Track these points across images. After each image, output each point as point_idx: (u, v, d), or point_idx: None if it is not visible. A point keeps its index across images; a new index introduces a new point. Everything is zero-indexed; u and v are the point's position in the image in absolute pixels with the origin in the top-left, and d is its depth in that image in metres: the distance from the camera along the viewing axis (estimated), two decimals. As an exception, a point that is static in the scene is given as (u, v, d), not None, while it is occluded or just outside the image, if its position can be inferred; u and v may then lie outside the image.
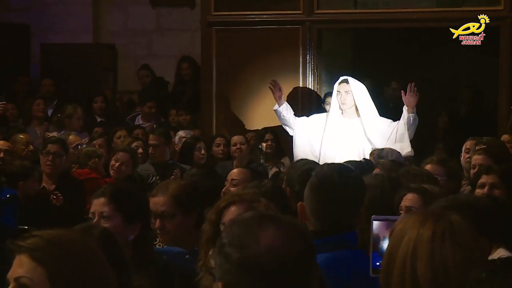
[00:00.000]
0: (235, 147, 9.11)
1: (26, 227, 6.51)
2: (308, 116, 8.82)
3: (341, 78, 8.47)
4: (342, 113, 8.40)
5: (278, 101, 8.74)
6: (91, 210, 3.93)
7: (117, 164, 7.79)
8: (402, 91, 8.34)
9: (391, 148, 7.56)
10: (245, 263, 2.15)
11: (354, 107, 8.37)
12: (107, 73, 12.62)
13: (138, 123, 10.88)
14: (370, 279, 3.29)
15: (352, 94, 8.29)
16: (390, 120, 8.44)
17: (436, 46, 11.93)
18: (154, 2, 12.33)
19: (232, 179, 5.79)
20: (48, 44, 12.22)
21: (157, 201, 4.22)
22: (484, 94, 11.44)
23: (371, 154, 7.44)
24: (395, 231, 2.39)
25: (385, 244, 2.96)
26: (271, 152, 9.33)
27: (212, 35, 10.36)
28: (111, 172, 7.85)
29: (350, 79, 8.39)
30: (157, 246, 4.33)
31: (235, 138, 9.16)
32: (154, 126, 10.74)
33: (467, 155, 7.29)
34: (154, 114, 11.16)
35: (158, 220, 4.18)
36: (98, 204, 3.88)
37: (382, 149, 7.46)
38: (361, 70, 12.13)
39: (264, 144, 9.49)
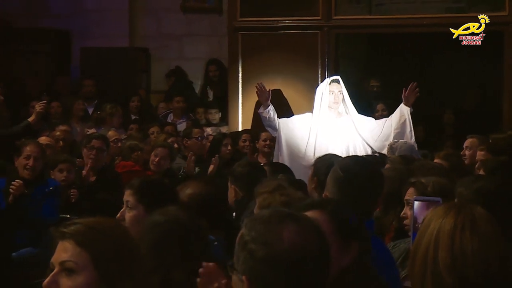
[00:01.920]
0: (265, 143, 9.08)
1: (68, 215, 6.52)
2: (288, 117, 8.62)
3: (332, 78, 8.27)
4: (328, 113, 8.14)
5: (265, 103, 8.41)
6: (124, 199, 3.99)
7: (157, 158, 7.81)
8: (404, 88, 8.18)
9: (405, 141, 7.49)
10: (270, 259, 2.15)
11: (342, 106, 8.18)
12: (141, 75, 12.66)
13: (170, 120, 10.91)
14: (386, 262, 3.29)
15: (342, 94, 8.13)
16: (372, 118, 8.32)
17: (444, 49, 11.88)
18: (185, 9, 12.35)
19: None
20: (87, 48, 12.26)
21: None
22: (489, 94, 11.41)
23: (388, 145, 7.39)
24: (425, 220, 2.38)
25: None
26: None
27: (238, 39, 10.35)
28: (151, 166, 7.87)
29: (339, 79, 8.23)
30: None
31: (264, 135, 9.12)
32: (186, 123, 10.77)
33: (466, 151, 7.36)
34: (184, 110, 11.16)
35: None
36: (126, 195, 3.98)
37: (396, 141, 7.39)
38: (375, 72, 12.12)
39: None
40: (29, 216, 6.52)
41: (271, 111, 8.31)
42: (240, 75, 10.26)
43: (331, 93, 8.09)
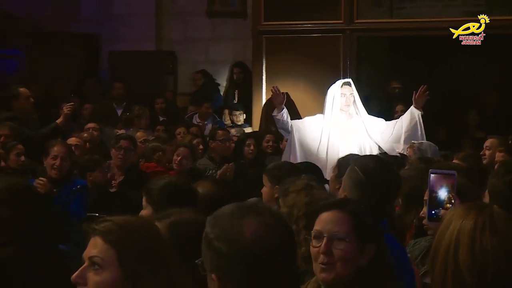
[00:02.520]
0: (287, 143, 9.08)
1: (97, 214, 6.54)
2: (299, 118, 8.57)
3: (343, 81, 8.19)
4: (339, 115, 8.05)
5: (279, 107, 8.25)
6: None
7: (179, 158, 7.82)
8: (414, 91, 8.08)
9: (429, 142, 7.41)
10: (234, 255, 2.14)
11: (353, 108, 8.10)
12: (168, 77, 12.71)
13: (195, 122, 10.92)
14: (399, 259, 3.29)
15: (354, 96, 8.06)
16: (382, 119, 8.22)
17: (463, 51, 11.82)
18: (210, 14, 12.39)
19: None
20: (115, 52, 12.33)
21: None
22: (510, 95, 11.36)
23: (410, 146, 7.30)
24: (444, 220, 2.37)
25: (440, 193, 3.02)
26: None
27: (262, 42, 10.38)
28: (174, 165, 7.88)
29: (351, 81, 8.16)
30: None
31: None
32: (212, 124, 10.79)
33: (486, 151, 7.33)
34: (210, 113, 11.19)
35: None
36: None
37: (421, 142, 7.29)
38: (397, 74, 12.08)
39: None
40: (56, 214, 6.54)
41: (284, 114, 8.22)
42: (264, 77, 10.29)
43: (343, 95, 8.01)
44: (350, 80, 8.23)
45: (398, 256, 3.26)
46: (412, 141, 7.52)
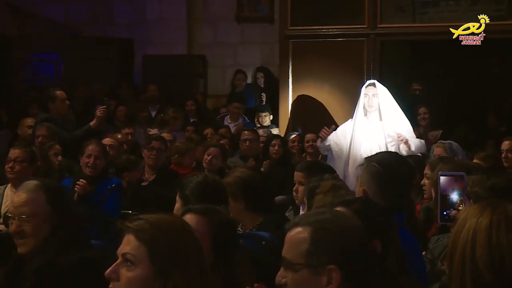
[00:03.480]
0: (308, 144, 9.10)
1: (130, 211, 6.57)
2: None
3: (368, 81, 8.13)
4: (366, 116, 7.94)
5: (324, 139, 8.13)
6: None
7: (209, 157, 7.82)
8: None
9: (455, 143, 7.26)
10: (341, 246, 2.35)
11: (378, 111, 7.95)
12: (199, 80, 12.75)
13: (227, 123, 10.92)
14: (414, 253, 3.29)
15: (378, 97, 7.92)
16: (411, 127, 8.03)
17: (485, 54, 11.76)
18: (239, 19, 12.42)
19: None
20: (148, 55, 12.39)
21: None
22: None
23: (438, 146, 7.16)
24: (459, 219, 2.36)
25: (452, 196, 3.02)
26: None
27: (289, 46, 10.39)
28: (204, 165, 7.88)
29: (376, 82, 8.05)
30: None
31: (308, 136, 9.12)
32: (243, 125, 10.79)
33: (509, 154, 7.28)
34: (240, 114, 11.13)
35: None
36: None
37: (450, 142, 7.17)
38: (418, 77, 12.03)
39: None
40: (91, 211, 6.57)
41: (327, 142, 8.12)
42: (290, 80, 10.30)
43: (366, 96, 7.95)
44: (374, 81, 8.16)
45: (409, 251, 3.24)
46: (440, 141, 7.42)
